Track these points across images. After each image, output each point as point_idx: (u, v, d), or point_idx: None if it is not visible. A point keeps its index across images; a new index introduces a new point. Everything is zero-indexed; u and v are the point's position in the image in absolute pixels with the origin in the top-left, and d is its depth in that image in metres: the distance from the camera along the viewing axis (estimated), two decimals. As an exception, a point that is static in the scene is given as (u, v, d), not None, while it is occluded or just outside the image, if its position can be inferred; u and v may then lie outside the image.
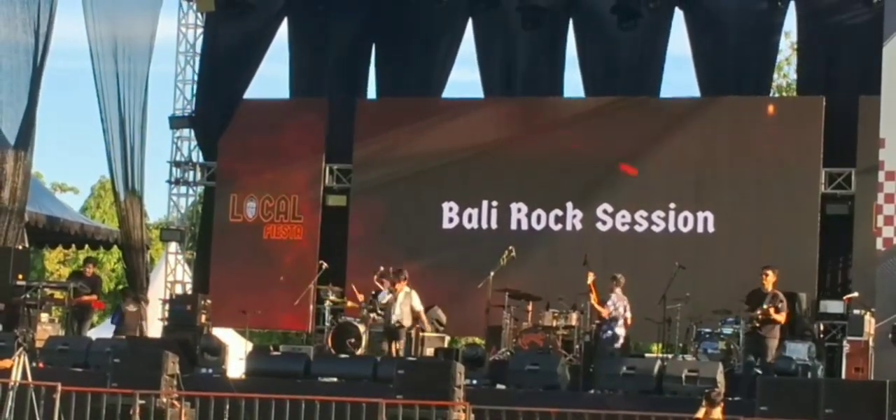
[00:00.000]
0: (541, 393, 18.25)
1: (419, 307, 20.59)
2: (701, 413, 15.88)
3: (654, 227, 22.91)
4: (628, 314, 19.75)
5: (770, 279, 19.27)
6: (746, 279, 20.14)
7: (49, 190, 35.14)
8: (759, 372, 18.36)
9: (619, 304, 19.66)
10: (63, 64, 57.22)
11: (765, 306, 19.09)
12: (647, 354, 22.57)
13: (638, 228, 22.97)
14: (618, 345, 19.67)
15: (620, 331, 19.64)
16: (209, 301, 22.27)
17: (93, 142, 72.92)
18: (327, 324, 21.54)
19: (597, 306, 19.70)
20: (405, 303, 20.30)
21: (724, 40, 23.39)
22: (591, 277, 19.68)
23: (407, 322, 20.29)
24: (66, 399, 17.23)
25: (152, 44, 24.50)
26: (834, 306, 21.26)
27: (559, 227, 23.34)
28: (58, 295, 22.39)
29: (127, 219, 24.43)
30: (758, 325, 19.12)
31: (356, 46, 25.23)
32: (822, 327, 21.25)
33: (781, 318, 19.20)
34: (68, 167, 72.77)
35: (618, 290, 19.72)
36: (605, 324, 19.66)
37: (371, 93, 25.44)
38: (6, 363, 17.29)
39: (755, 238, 22.08)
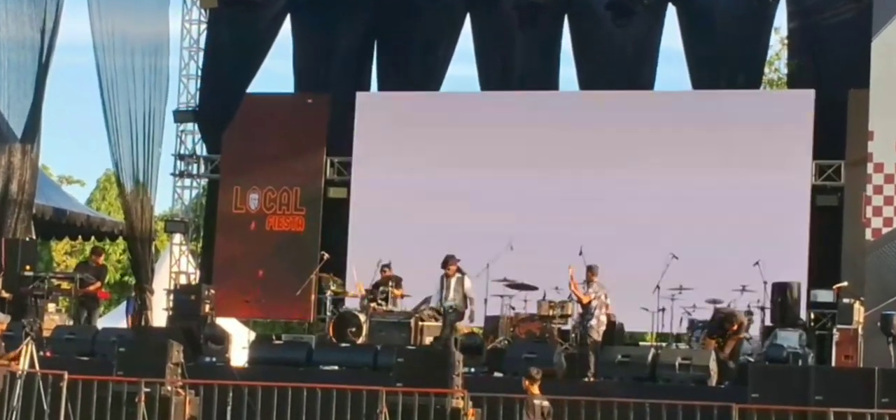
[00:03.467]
0: (538, 381, 18.27)
1: (472, 293, 20.28)
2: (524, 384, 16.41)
3: (648, 219, 22.83)
4: (608, 301, 19.59)
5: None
6: (738, 268, 20.31)
7: (56, 182, 35.03)
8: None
9: (600, 292, 19.48)
10: (70, 59, 56.99)
11: (726, 351, 19.02)
12: (641, 343, 23.05)
13: (632, 220, 22.90)
14: (600, 330, 19.53)
15: (603, 317, 19.47)
16: (213, 291, 22.24)
17: (99, 135, 72.77)
18: (328, 313, 21.54)
19: (577, 293, 19.60)
20: (458, 287, 20.05)
21: (716, 36, 23.51)
22: (571, 270, 19.56)
23: (460, 305, 20.06)
24: (72, 387, 17.28)
25: (166, 40, 24.68)
26: (824, 295, 21.20)
27: (556, 218, 23.24)
28: (64, 285, 22.31)
29: (131, 210, 24.38)
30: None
31: (358, 42, 25.33)
32: (812, 316, 21.34)
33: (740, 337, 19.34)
34: (75, 160, 72.74)
35: (596, 279, 19.54)
36: (586, 313, 19.48)
37: (373, 87, 25.53)
38: (13, 355, 17.42)
39: (747, 229, 22.09)
